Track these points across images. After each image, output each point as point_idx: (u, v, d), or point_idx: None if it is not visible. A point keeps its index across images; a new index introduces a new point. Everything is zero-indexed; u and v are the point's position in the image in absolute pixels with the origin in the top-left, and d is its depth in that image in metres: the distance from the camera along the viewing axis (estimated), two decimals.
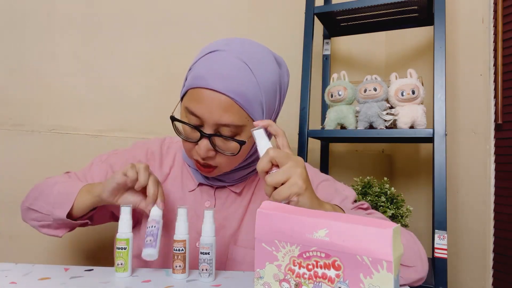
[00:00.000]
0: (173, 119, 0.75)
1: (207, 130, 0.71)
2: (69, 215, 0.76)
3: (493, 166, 1.46)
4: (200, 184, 0.85)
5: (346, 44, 1.88)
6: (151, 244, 0.65)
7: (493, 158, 1.46)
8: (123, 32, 1.37)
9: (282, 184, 0.60)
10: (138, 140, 0.96)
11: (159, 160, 0.89)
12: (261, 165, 0.62)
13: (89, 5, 1.31)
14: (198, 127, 0.72)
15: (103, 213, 0.85)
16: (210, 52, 0.72)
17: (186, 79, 0.76)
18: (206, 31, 1.50)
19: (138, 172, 0.70)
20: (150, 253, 0.65)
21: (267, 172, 0.62)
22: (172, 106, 0.80)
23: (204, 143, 0.71)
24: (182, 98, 0.76)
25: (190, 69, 0.76)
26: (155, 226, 0.68)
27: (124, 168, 0.70)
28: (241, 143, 0.72)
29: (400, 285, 0.67)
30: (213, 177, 0.83)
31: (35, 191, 0.83)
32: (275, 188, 0.61)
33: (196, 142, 0.73)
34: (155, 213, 0.70)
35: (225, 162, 0.76)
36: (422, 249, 0.73)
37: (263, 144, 0.65)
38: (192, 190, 0.85)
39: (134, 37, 1.39)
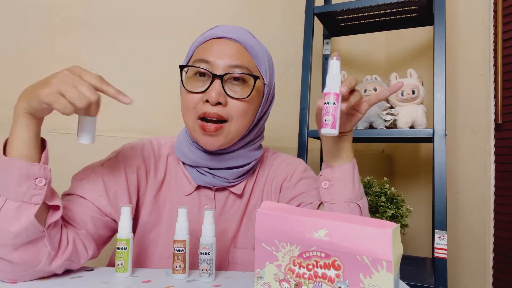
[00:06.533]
0: (182, 67, 0.75)
1: (218, 73, 0.71)
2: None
3: (493, 166, 1.46)
4: (198, 187, 0.80)
5: (346, 44, 1.88)
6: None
7: (493, 158, 1.46)
8: (123, 32, 1.37)
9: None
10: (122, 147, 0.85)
11: (154, 165, 0.81)
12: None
13: (89, 5, 1.31)
14: (209, 71, 0.72)
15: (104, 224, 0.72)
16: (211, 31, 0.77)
17: (188, 53, 0.79)
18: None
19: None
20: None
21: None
22: (172, 106, 0.80)
23: (216, 86, 0.70)
24: (187, 64, 0.77)
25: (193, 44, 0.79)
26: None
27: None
28: (255, 77, 0.73)
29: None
30: (212, 176, 0.77)
31: None
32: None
33: (205, 91, 0.71)
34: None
35: (236, 113, 0.72)
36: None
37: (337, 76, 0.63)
38: (190, 194, 0.79)
39: (134, 37, 1.39)
